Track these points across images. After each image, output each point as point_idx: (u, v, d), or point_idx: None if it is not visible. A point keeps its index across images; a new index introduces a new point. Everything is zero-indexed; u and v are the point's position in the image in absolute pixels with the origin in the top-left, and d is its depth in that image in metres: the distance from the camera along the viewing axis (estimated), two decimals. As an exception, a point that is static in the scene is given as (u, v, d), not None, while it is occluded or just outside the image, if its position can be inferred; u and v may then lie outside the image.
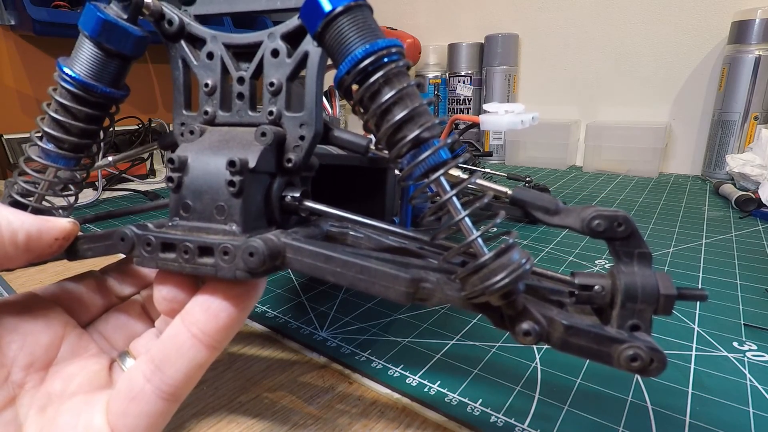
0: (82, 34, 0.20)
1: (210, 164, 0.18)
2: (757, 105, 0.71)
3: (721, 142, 0.74)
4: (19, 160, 0.21)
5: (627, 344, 0.15)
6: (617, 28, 0.85)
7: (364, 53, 0.16)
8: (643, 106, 0.86)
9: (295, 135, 0.20)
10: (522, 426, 0.22)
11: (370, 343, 0.29)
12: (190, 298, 0.17)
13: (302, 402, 0.25)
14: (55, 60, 0.22)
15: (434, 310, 0.33)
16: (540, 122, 0.89)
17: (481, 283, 0.15)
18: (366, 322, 0.32)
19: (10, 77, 0.88)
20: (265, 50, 0.20)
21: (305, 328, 0.31)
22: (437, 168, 0.16)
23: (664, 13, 0.80)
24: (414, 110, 0.16)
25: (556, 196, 0.66)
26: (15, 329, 0.18)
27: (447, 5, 1.04)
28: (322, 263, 0.17)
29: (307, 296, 0.35)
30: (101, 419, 0.17)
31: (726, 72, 0.72)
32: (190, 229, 0.18)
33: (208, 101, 0.21)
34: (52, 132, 0.21)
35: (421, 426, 0.23)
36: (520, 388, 0.25)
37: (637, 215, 0.56)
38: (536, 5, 0.93)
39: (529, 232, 0.49)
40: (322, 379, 0.26)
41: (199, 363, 0.17)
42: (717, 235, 0.49)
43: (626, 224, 0.17)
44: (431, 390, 0.25)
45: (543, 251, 0.44)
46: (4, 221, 0.17)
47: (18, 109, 0.89)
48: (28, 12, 0.75)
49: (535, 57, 0.96)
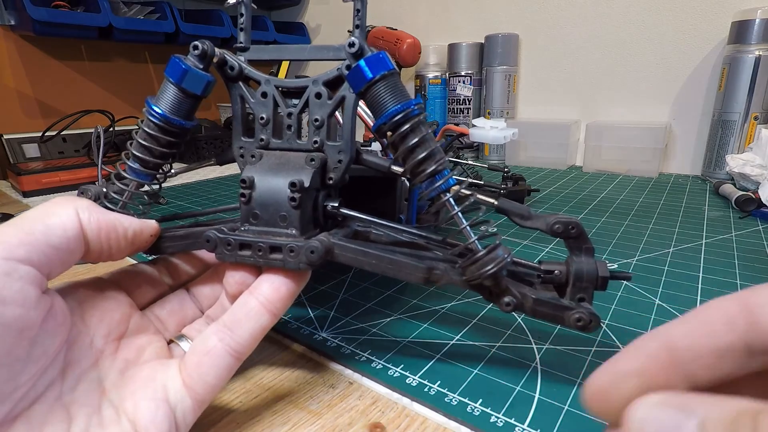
0: (167, 80, 0.25)
1: (272, 183, 0.24)
2: (757, 105, 0.71)
3: (721, 142, 0.74)
4: (111, 175, 0.27)
5: (575, 310, 0.22)
6: (617, 28, 0.85)
7: (396, 111, 0.23)
8: (643, 106, 0.86)
9: (334, 159, 0.25)
10: (522, 426, 0.22)
11: (370, 343, 0.29)
12: (253, 282, 0.23)
13: (302, 402, 0.25)
14: (59, 65, 0.23)
15: (434, 311, 0.33)
16: (540, 122, 0.89)
17: (477, 270, 0.21)
18: (366, 322, 0.32)
19: (10, 77, 0.88)
20: (310, 93, 0.25)
21: (305, 328, 0.31)
22: (447, 191, 0.23)
23: (664, 13, 0.80)
24: (431, 151, 0.23)
25: (556, 196, 0.66)
26: (94, 305, 0.22)
27: (447, 5, 1.04)
28: (361, 257, 0.23)
29: (307, 296, 0.36)
30: (176, 373, 0.21)
31: (726, 72, 0.72)
32: (259, 233, 0.23)
33: (263, 130, 0.26)
34: (139, 154, 0.26)
35: (421, 426, 0.23)
36: (520, 388, 0.25)
37: (637, 215, 0.56)
38: (536, 5, 0.93)
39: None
40: (322, 379, 0.26)
41: (263, 326, 0.21)
42: (717, 235, 0.49)
43: (577, 228, 0.24)
44: (431, 390, 0.25)
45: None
46: (119, 221, 0.22)
47: (18, 109, 0.89)
48: (28, 12, 0.75)
49: (535, 57, 0.96)
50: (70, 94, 0.95)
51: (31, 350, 0.17)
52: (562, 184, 0.74)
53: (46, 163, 0.77)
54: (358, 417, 0.23)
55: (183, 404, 0.20)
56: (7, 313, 0.16)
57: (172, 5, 0.94)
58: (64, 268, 0.19)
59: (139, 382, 0.20)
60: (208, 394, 0.21)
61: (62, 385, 0.19)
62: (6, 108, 0.88)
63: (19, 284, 0.16)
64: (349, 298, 0.35)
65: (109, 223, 0.21)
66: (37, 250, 0.18)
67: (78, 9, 0.85)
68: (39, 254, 0.18)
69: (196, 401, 0.20)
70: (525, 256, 0.29)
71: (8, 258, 0.17)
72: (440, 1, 1.05)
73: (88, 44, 0.97)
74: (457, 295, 0.35)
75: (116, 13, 0.88)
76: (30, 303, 0.17)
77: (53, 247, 0.18)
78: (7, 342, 0.16)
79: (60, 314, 0.19)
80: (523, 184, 0.60)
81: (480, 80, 0.98)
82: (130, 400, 0.19)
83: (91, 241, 0.20)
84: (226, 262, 0.24)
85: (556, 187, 0.72)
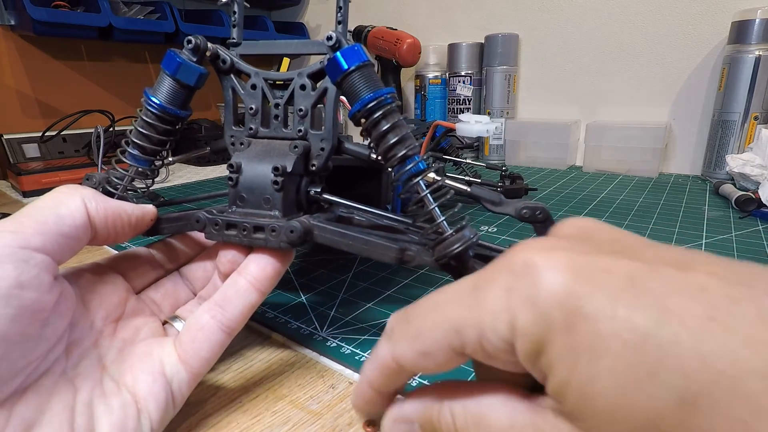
0: (163, 72, 0.27)
1: (258, 168, 0.25)
2: (757, 105, 0.71)
3: (721, 142, 0.74)
4: (112, 160, 0.29)
5: None
6: (617, 28, 0.85)
7: (370, 99, 0.24)
8: (643, 106, 0.86)
9: (317, 147, 0.27)
10: (522, 426, 0.22)
11: (370, 343, 0.29)
12: (243, 260, 0.24)
13: (302, 402, 0.25)
14: (59, 65, 0.24)
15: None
16: (540, 122, 0.89)
17: (444, 250, 0.22)
18: (366, 322, 0.32)
19: (10, 77, 0.88)
20: (296, 85, 0.27)
21: (305, 328, 0.31)
22: (417, 175, 0.24)
23: (664, 13, 0.80)
24: (402, 136, 0.24)
25: (556, 197, 0.66)
26: (93, 290, 0.23)
27: (447, 5, 1.04)
28: (339, 238, 0.24)
29: (307, 296, 0.36)
30: (171, 349, 0.22)
31: (726, 72, 0.72)
32: (245, 214, 0.25)
33: (252, 120, 0.28)
34: (138, 141, 0.28)
35: (421, 426, 0.23)
36: (520, 388, 0.25)
37: (637, 215, 0.56)
38: (536, 5, 0.93)
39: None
40: (322, 379, 0.26)
41: (251, 302, 0.23)
42: (717, 235, 0.48)
43: (543, 213, 0.25)
44: (431, 390, 0.25)
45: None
46: (123, 209, 0.23)
47: (18, 109, 0.89)
48: (28, 12, 0.75)
49: (535, 57, 0.96)
50: (70, 94, 0.95)
51: (42, 331, 0.18)
52: (562, 184, 0.74)
53: (46, 163, 0.77)
54: (358, 417, 0.23)
55: (179, 377, 0.22)
56: (24, 297, 0.17)
57: (172, 5, 0.94)
58: (73, 253, 0.21)
59: (136, 357, 0.22)
60: (203, 368, 0.22)
61: (66, 362, 0.20)
62: (6, 108, 0.88)
63: (35, 271, 0.18)
64: (349, 298, 0.35)
65: (114, 210, 0.23)
66: (51, 240, 0.19)
67: (78, 9, 0.85)
68: (52, 243, 0.19)
69: (191, 374, 0.22)
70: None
71: (25, 247, 0.18)
72: (440, 1, 1.05)
73: (88, 44, 0.97)
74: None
75: (116, 13, 0.88)
76: (44, 288, 0.18)
77: (64, 235, 0.20)
78: (23, 323, 0.17)
79: (68, 298, 0.20)
80: (521, 183, 0.60)
81: (480, 80, 0.98)
82: (129, 374, 0.21)
83: (98, 228, 0.22)
84: (218, 245, 0.26)
85: (556, 187, 0.72)
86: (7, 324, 0.16)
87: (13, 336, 0.17)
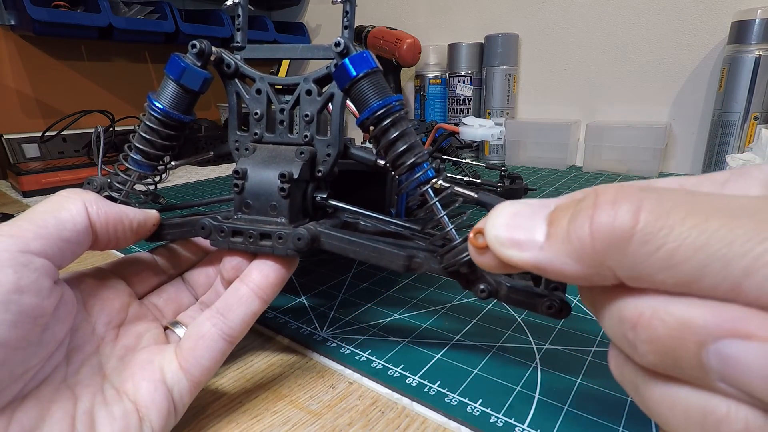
0: (167, 76, 0.27)
1: (264, 174, 0.25)
2: (757, 105, 0.71)
3: (721, 142, 0.74)
4: (115, 165, 0.29)
5: (546, 298, 0.22)
6: (617, 27, 0.85)
7: (378, 106, 0.24)
8: (643, 106, 0.86)
9: (323, 153, 0.27)
10: (522, 426, 0.22)
11: (370, 343, 0.29)
12: (247, 267, 0.24)
13: (302, 402, 0.25)
14: (59, 65, 0.23)
15: (434, 311, 0.33)
16: (540, 122, 0.89)
17: (453, 258, 0.22)
18: (366, 322, 0.32)
19: (10, 77, 0.88)
20: (302, 90, 0.27)
21: (305, 328, 0.31)
22: (425, 183, 0.24)
23: (664, 13, 0.80)
24: (411, 144, 0.24)
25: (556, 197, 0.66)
26: (95, 295, 0.23)
27: (447, 5, 1.04)
28: (346, 245, 0.24)
29: (307, 296, 0.36)
30: (172, 357, 0.22)
31: (726, 72, 0.72)
32: (251, 221, 0.25)
33: (257, 125, 0.28)
34: (141, 146, 0.27)
35: (421, 426, 0.23)
36: (520, 388, 0.25)
37: (637, 215, 0.56)
38: (536, 5, 0.93)
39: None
40: (322, 379, 0.26)
41: (253, 311, 0.23)
42: (717, 235, 0.48)
43: None
44: (431, 390, 0.25)
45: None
46: (125, 214, 0.23)
47: (18, 109, 0.89)
48: (28, 12, 0.75)
49: (535, 57, 0.96)
50: (70, 94, 0.95)
51: (42, 336, 0.18)
52: (562, 184, 0.74)
53: (46, 163, 0.77)
54: (358, 417, 0.23)
55: (180, 385, 0.21)
56: (24, 302, 0.17)
57: (172, 5, 0.94)
58: (74, 258, 0.20)
59: (137, 365, 0.22)
60: (204, 376, 0.22)
61: (67, 369, 0.20)
62: (6, 108, 0.88)
63: (35, 275, 0.18)
64: (349, 298, 0.35)
65: (116, 215, 0.22)
66: (51, 244, 0.19)
67: (78, 9, 0.85)
68: (52, 247, 0.19)
69: (192, 383, 0.22)
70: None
71: (25, 251, 0.18)
72: (440, 1, 1.05)
73: (88, 44, 0.97)
74: (456, 295, 0.35)
75: (116, 13, 0.88)
76: (44, 292, 0.18)
77: (65, 240, 0.20)
78: (23, 328, 0.17)
79: (68, 303, 0.20)
80: (520, 183, 0.60)
81: (480, 80, 0.98)
82: (130, 381, 0.21)
83: (100, 232, 0.22)
84: (222, 251, 0.25)
85: (556, 187, 0.72)
86: (7, 329, 0.16)
87: (13, 341, 0.16)
